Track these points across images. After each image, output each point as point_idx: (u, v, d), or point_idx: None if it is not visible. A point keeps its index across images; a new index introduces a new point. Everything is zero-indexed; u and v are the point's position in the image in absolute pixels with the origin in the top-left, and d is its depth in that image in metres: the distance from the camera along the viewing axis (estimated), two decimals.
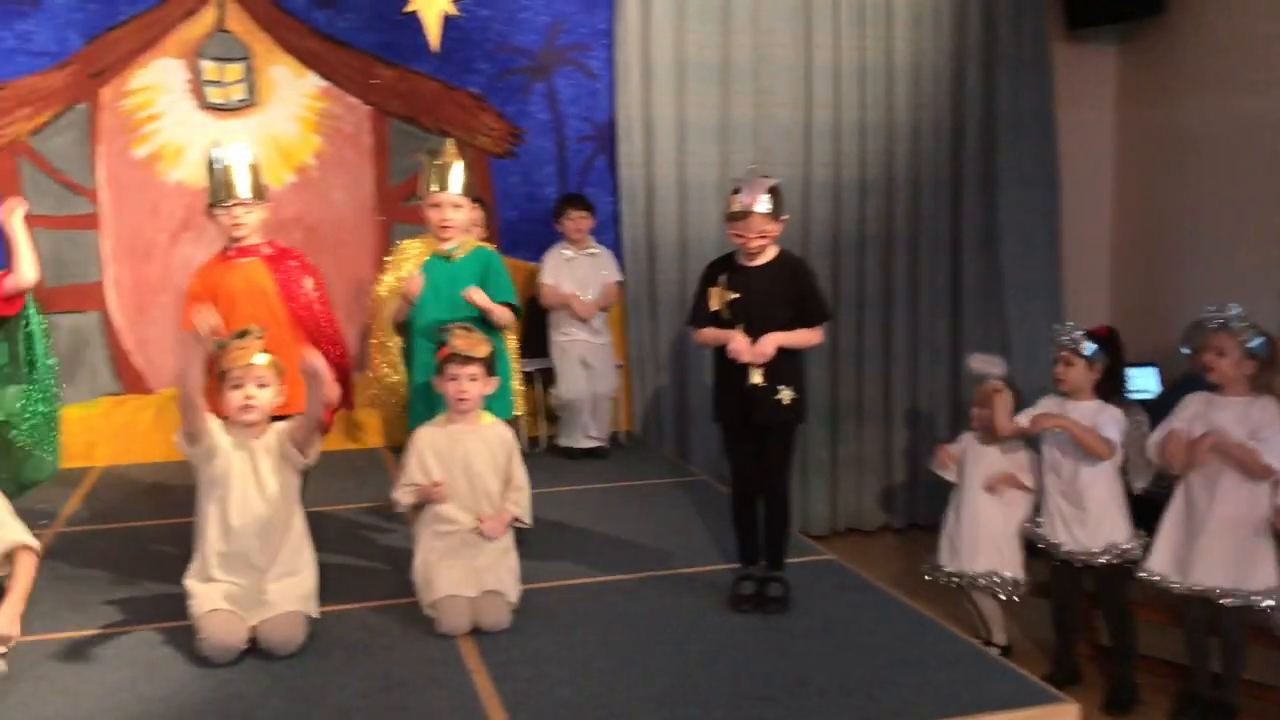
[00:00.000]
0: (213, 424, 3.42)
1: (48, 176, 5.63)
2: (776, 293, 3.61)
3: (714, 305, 3.64)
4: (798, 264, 3.75)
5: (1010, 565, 4.53)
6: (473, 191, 4.20)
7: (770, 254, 3.65)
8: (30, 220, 5.56)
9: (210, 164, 3.99)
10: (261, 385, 3.40)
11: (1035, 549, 4.49)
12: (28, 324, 4.15)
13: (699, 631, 3.45)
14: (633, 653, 3.29)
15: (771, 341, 3.55)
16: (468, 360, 3.55)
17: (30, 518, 3.58)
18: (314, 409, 3.42)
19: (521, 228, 6.14)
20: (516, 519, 3.65)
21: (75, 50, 5.60)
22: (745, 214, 3.53)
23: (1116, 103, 7.10)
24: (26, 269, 3.93)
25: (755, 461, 3.73)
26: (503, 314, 4.05)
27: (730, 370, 3.62)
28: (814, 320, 3.67)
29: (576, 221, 5.77)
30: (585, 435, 5.86)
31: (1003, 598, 4.53)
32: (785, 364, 3.61)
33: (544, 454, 5.91)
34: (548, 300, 5.76)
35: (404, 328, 4.17)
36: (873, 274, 6.62)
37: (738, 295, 3.60)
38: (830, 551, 4.39)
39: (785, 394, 3.61)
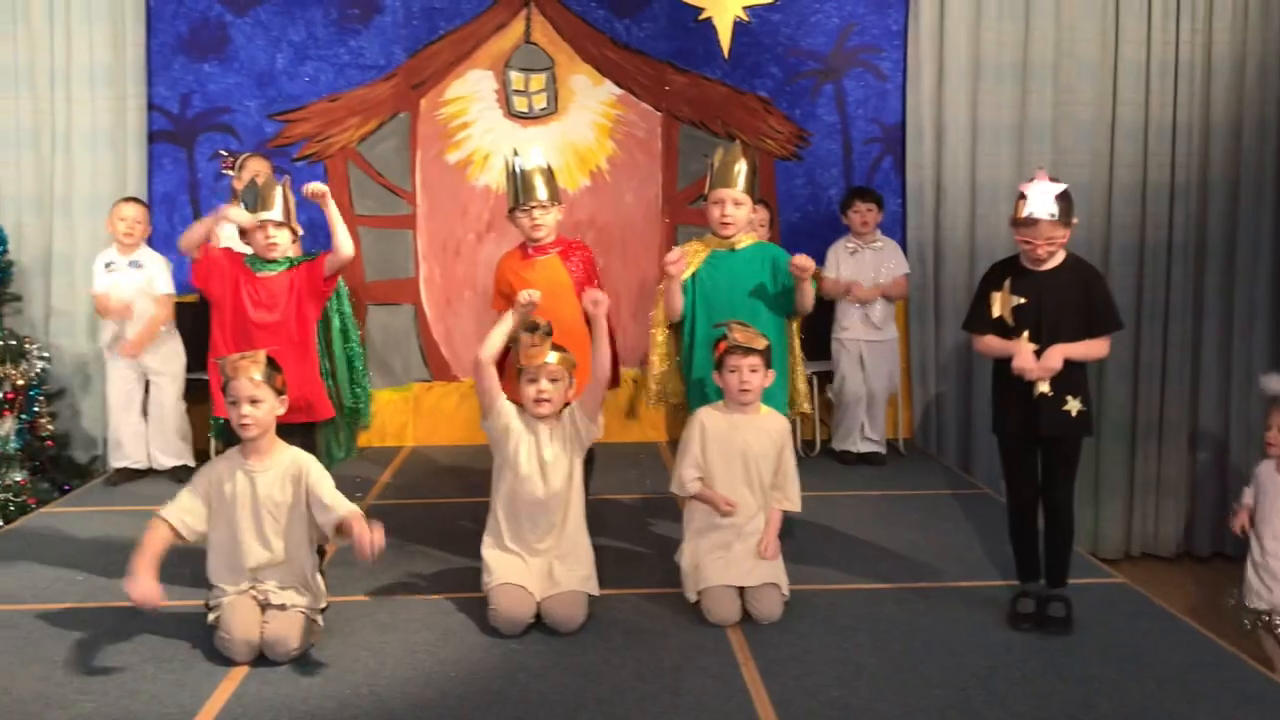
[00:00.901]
0: (507, 406, 3.65)
1: (372, 180, 6.17)
2: (1066, 298, 3.45)
3: (997, 311, 3.52)
4: (1088, 269, 3.56)
5: None
6: (755, 191, 4.24)
7: (1059, 258, 3.50)
8: (356, 220, 6.20)
9: (509, 169, 4.25)
10: (553, 380, 3.60)
11: None
12: (340, 306, 4.44)
13: (975, 646, 3.36)
14: (905, 661, 3.25)
15: (1058, 354, 3.41)
16: (748, 352, 3.62)
17: (347, 489, 3.93)
18: (599, 362, 3.62)
19: (804, 229, 6.16)
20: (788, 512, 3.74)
21: (399, 63, 6.12)
22: (1033, 221, 3.41)
23: None
24: (344, 242, 3.99)
25: (1037, 476, 3.58)
26: (811, 295, 4.07)
27: (1014, 379, 3.49)
28: (1104, 329, 3.49)
29: (863, 214, 5.70)
30: (861, 437, 5.80)
31: None
32: (1073, 372, 3.46)
33: (819, 457, 5.90)
34: (826, 290, 5.71)
35: (682, 326, 4.28)
36: (1180, 283, 6.20)
37: (1024, 300, 3.48)
38: (1120, 575, 4.16)
39: (1073, 405, 3.46)
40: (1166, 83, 6.09)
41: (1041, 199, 3.39)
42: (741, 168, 4.11)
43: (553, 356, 3.59)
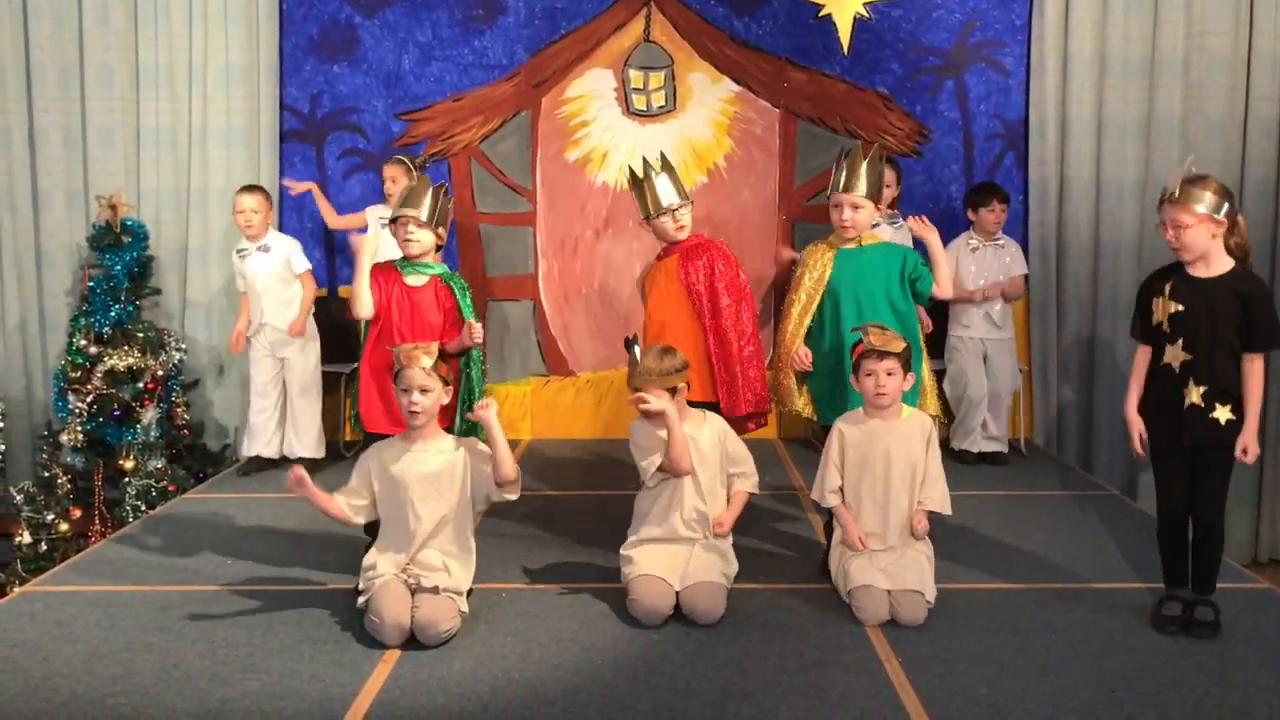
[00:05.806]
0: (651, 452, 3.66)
1: (494, 178, 6.28)
2: (1224, 309, 3.36)
3: (1157, 316, 3.47)
4: (1253, 281, 3.44)
5: None
6: (880, 193, 4.17)
7: (1224, 266, 3.40)
8: (479, 217, 6.32)
9: (630, 178, 4.33)
10: (670, 390, 3.61)
11: None
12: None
13: (1120, 648, 3.32)
14: (1050, 662, 3.22)
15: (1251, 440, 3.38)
16: (884, 355, 3.60)
17: None
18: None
19: None
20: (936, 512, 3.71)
21: (521, 63, 6.22)
22: (1160, 201, 3.41)
23: None
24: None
25: (1187, 484, 3.50)
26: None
27: (1164, 387, 3.44)
28: (1259, 346, 3.38)
29: (996, 213, 5.64)
30: (982, 436, 5.73)
31: None
32: (1225, 380, 3.39)
33: None
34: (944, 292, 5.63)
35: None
36: None
37: (1181, 307, 3.41)
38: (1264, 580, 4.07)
39: (1222, 413, 3.39)
40: None
41: (1172, 181, 3.37)
42: (863, 171, 4.07)
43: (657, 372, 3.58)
